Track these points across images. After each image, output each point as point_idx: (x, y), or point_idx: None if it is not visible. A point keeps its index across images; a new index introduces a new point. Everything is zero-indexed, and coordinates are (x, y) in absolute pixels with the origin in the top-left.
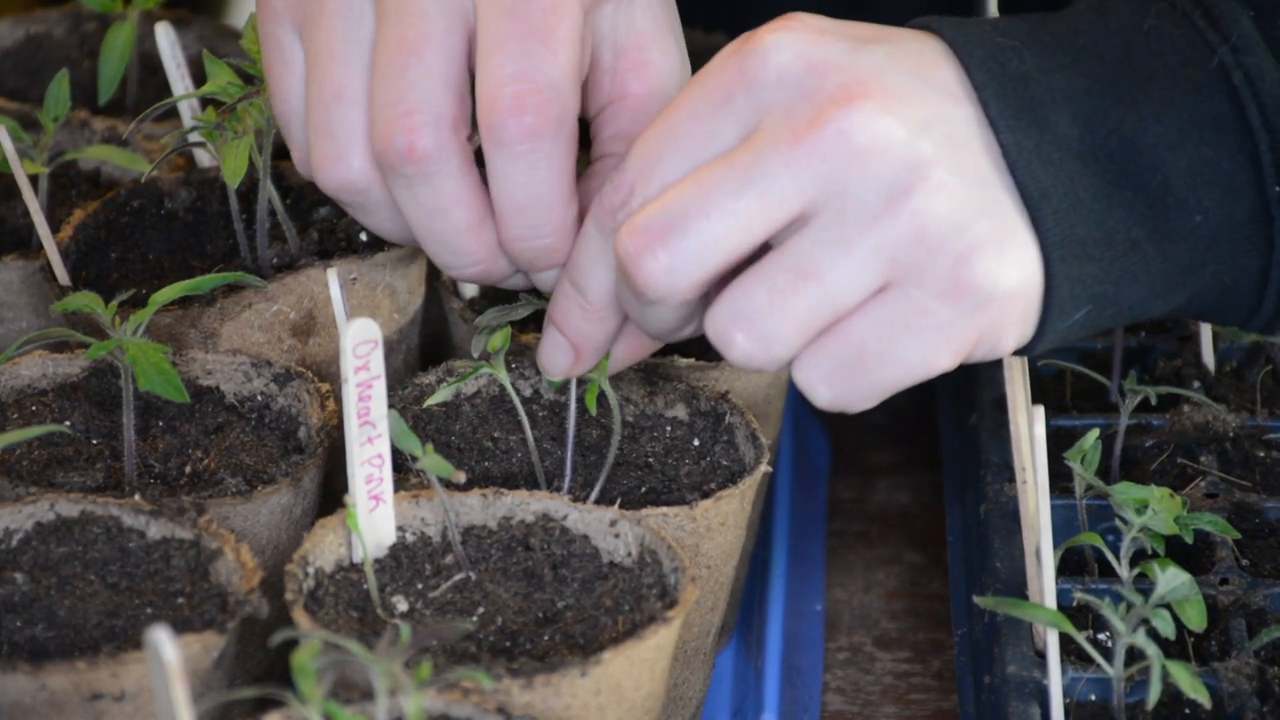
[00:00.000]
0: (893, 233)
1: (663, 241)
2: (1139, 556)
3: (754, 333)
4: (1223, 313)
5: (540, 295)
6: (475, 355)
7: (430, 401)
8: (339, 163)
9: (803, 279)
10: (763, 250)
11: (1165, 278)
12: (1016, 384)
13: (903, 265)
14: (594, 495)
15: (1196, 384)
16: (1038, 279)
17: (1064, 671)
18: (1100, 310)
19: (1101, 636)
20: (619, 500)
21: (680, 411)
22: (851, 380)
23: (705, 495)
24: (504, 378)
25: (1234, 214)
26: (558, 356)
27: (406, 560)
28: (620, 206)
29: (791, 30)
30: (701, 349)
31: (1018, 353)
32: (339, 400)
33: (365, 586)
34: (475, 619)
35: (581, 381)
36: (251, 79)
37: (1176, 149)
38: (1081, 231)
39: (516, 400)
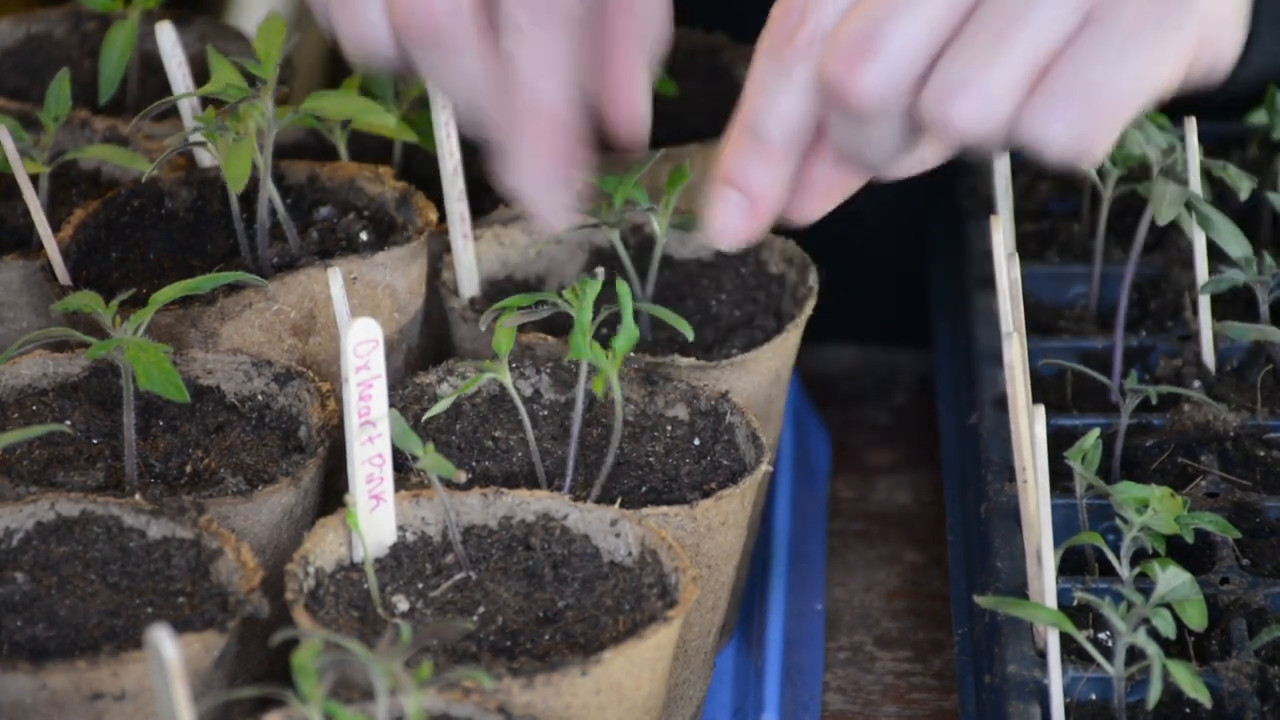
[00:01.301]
0: None
1: (869, 53)
2: (1139, 556)
3: (972, 94)
4: None
5: (560, 297)
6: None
7: (431, 413)
8: (364, 29)
9: (1005, 31)
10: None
11: None
12: (1017, 383)
13: None
14: (594, 495)
15: (1197, 383)
16: None
17: (1064, 671)
18: None
19: (1102, 636)
20: (619, 500)
21: (680, 411)
22: (1083, 115)
23: (706, 495)
24: (506, 378)
25: None
26: (733, 216)
27: (407, 560)
28: (796, 28)
29: None
30: (703, 349)
31: (1229, 80)
32: (339, 400)
33: (366, 586)
34: (476, 618)
35: (589, 379)
36: (253, 79)
37: None
38: None
39: (517, 400)
